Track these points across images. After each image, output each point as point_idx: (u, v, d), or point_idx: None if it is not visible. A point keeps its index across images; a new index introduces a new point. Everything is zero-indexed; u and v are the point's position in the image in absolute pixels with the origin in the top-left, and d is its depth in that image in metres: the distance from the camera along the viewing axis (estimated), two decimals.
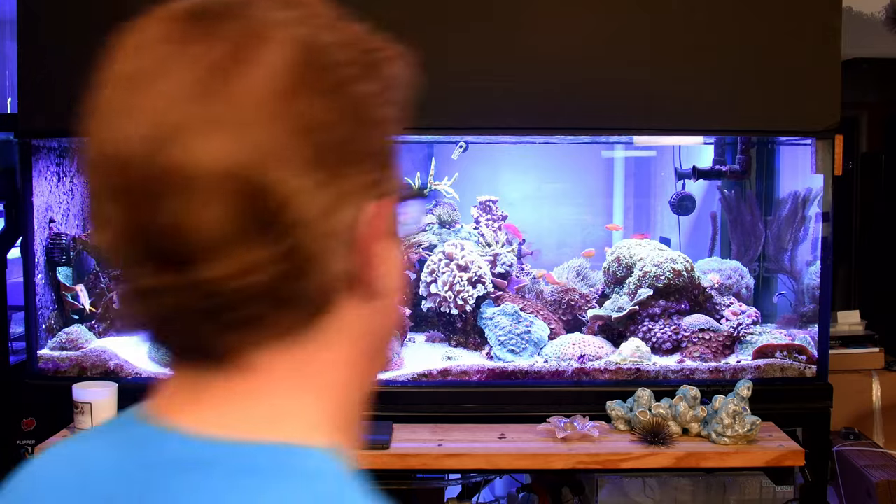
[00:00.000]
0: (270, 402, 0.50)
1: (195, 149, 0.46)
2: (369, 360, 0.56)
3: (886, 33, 3.01)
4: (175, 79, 0.47)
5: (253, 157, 0.46)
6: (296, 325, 0.50)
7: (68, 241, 2.40)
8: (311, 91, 0.48)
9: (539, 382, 2.22)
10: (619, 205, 3.08)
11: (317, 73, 0.49)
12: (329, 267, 0.49)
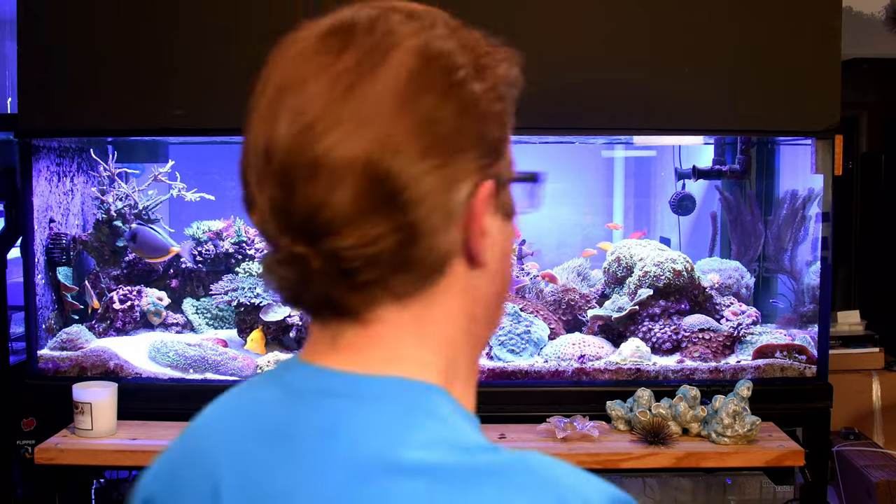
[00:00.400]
0: (390, 347, 0.61)
1: (331, 142, 0.56)
2: (481, 323, 0.65)
3: (886, 33, 3.01)
4: (316, 84, 0.57)
5: (377, 148, 0.56)
6: (412, 286, 0.60)
7: (68, 241, 2.40)
8: (427, 91, 0.58)
9: (539, 382, 2.22)
10: (619, 205, 3.08)
11: (432, 76, 0.58)
12: (439, 238, 0.58)
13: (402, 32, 0.59)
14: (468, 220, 0.60)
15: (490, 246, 0.62)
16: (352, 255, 0.57)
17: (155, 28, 2.11)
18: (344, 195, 0.56)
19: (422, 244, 0.58)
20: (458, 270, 0.61)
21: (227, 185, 2.83)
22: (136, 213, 2.58)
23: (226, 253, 2.59)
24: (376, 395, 0.59)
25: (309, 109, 0.57)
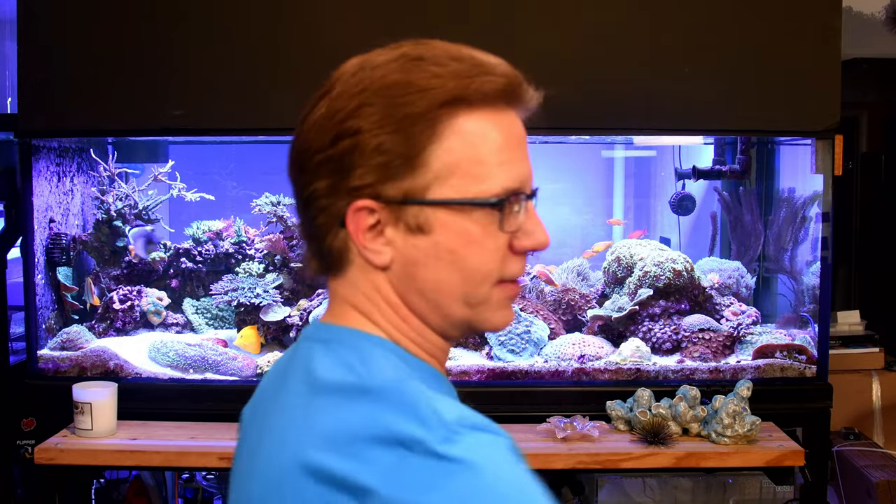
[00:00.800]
0: (339, 308, 0.81)
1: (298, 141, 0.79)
2: (412, 307, 0.79)
3: (886, 33, 3.01)
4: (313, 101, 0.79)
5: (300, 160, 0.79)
6: (328, 268, 0.80)
7: (68, 241, 2.40)
8: (324, 129, 0.76)
9: (539, 382, 2.22)
10: (619, 205, 3.08)
11: (328, 118, 0.76)
12: (328, 238, 0.78)
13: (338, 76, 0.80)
14: (350, 230, 0.76)
15: (376, 253, 0.76)
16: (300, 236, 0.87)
17: (155, 28, 2.11)
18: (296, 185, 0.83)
19: (319, 239, 0.79)
20: (357, 264, 0.78)
21: (227, 185, 2.83)
22: (136, 213, 2.58)
23: (226, 253, 2.59)
24: (324, 339, 0.80)
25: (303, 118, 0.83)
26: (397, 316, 0.79)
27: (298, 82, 2.12)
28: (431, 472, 0.63)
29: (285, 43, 2.11)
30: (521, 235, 0.78)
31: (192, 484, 2.30)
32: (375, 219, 0.75)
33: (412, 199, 0.74)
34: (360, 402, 0.69)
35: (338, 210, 0.75)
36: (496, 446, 0.66)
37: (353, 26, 2.11)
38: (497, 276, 0.77)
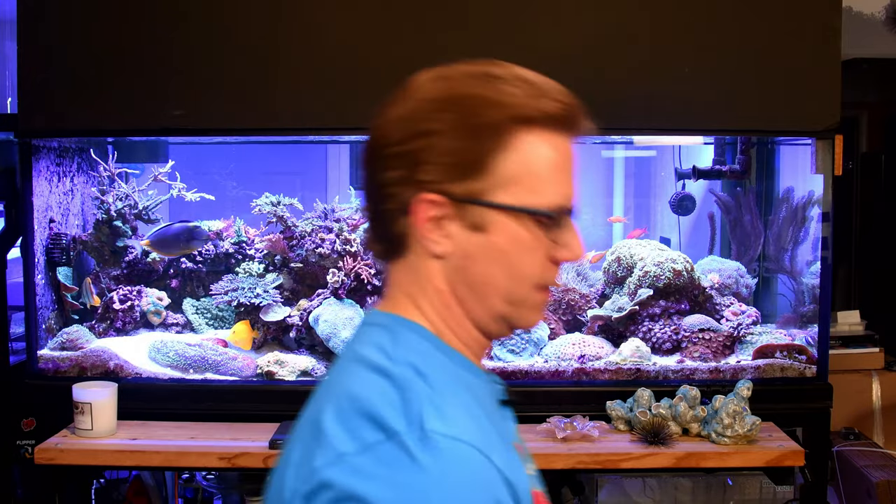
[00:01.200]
0: (392, 293, 0.89)
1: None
2: (457, 299, 0.86)
3: (886, 33, 3.01)
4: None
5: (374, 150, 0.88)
6: (388, 252, 0.88)
7: (68, 241, 2.40)
8: (401, 126, 0.84)
9: (539, 382, 2.22)
10: (619, 205, 3.07)
11: (406, 117, 0.84)
12: (393, 224, 0.85)
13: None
14: (414, 218, 0.83)
15: (436, 243, 0.83)
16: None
17: (155, 28, 2.11)
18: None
19: (385, 224, 0.86)
20: (418, 252, 0.85)
21: (227, 185, 2.83)
22: (136, 213, 2.58)
23: (226, 253, 2.59)
24: (372, 323, 0.89)
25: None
26: (442, 303, 0.86)
27: (298, 82, 2.12)
28: (394, 462, 0.71)
29: (285, 43, 2.11)
30: (562, 247, 0.86)
31: (192, 484, 2.30)
32: (438, 212, 0.82)
33: (475, 199, 0.82)
34: (374, 379, 0.78)
35: (405, 199, 0.83)
36: (465, 465, 0.71)
37: (353, 26, 2.11)
38: (537, 281, 0.85)
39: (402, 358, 0.81)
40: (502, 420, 0.88)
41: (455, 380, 0.82)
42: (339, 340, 2.24)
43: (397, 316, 0.87)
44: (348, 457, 0.72)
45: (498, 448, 0.76)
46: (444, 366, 0.83)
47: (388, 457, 0.71)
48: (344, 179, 3.23)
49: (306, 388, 2.38)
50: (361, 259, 2.42)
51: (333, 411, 0.77)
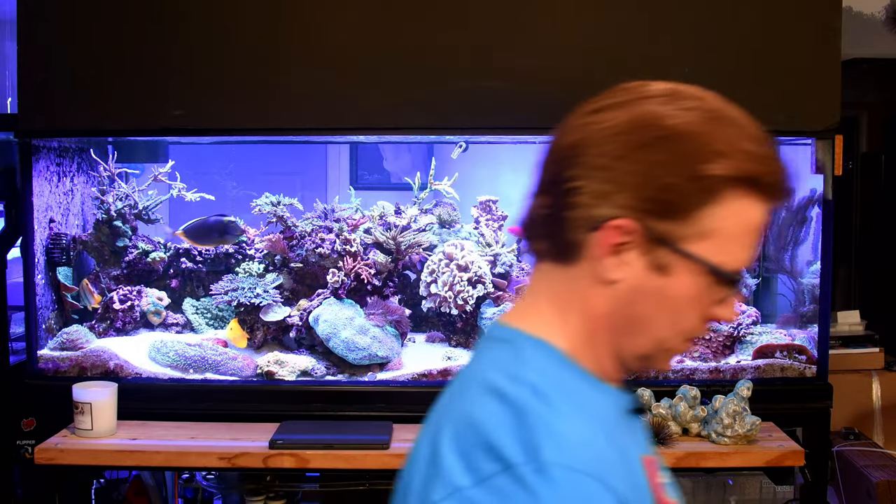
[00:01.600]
0: (532, 300, 0.87)
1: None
2: (610, 327, 0.83)
3: (886, 33, 3.01)
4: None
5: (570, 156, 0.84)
6: (548, 254, 0.85)
7: (68, 241, 2.40)
8: (617, 138, 0.80)
9: None
10: None
11: (625, 130, 0.80)
12: (570, 231, 0.81)
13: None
14: (599, 237, 0.79)
15: (613, 269, 0.80)
16: (531, 213, 0.86)
17: (155, 28, 2.11)
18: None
19: (559, 223, 0.82)
20: (584, 270, 0.82)
21: (226, 185, 2.83)
22: (136, 213, 2.58)
23: (226, 253, 2.59)
24: (496, 338, 0.87)
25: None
26: (592, 325, 0.83)
27: (299, 82, 2.12)
28: (510, 496, 0.69)
29: (285, 43, 2.11)
30: (721, 307, 0.84)
31: (192, 484, 2.30)
32: (626, 239, 0.79)
33: (670, 242, 0.79)
34: (492, 404, 0.76)
35: (596, 215, 0.79)
36: (580, 496, 0.70)
37: (353, 26, 2.11)
38: (690, 334, 0.84)
39: (522, 378, 0.78)
40: (630, 433, 0.86)
41: (579, 399, 0.80)
42: (339, 340, 2.24)
43: (523, 332, 0.84)
44: (465, 490, 0.71)
45: (617, 469, 0.75)
46: (569, 385, 0.81)
47: (504, 490, 0.70)
48: (344, 179, 3.23)
49: (306, 388, 2.39)
50: (361, 259, 2.42)
51: (451, 437, 0.76)
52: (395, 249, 2.45)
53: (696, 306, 0.81)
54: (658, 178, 0.77)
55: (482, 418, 0.75)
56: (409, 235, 2.44)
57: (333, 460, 1.94)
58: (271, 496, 2.16)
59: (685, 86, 0.83)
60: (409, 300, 2.51)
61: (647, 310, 0.81)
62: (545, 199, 0.84)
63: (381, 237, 2.44)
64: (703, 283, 0.80)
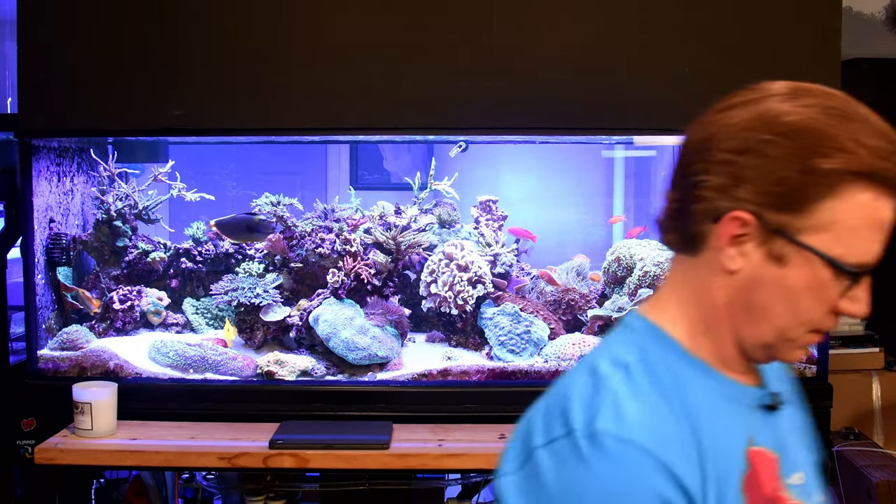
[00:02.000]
0: (664, 290, 0.94)
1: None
2: (731, 315, 0.87)
3: (886, 33, 3.01)
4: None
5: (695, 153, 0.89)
6: (678, 245, 0.91)
7: (68, 241, 2.40)
8: (740, 135, 0.85)
9: (539, 382, 2.22)
10: (619, 204, 3.08)
11: (748, 127, 0.84)
12: (699, 222, 0.86)
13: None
14: (720, 228, 0.84)
15: (731, 260, 0.85)
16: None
17: (155, 28, 2.11)
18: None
19: (685, 216, 0.87)
20: (706, 261, 0.87)
21: (226, 185, 2.83)
22: (136, 213, 2.58)
23: (226, 253, 2.59)
24: (623, 326, 0.93)
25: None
26: (710, 313, 0.89)
27: (299, 82, 2.12)
28: (565, 458, 0.79)
29: (285, 43, 2.11)
30: (848, 300, 0.87)
31: (192, 484, 2.30)
32: (744, 231, 0.83)
33: (786, 233, 0.82)
34: (583, 377, 0.86)
35: (717, 207, 0.84)
36: (626, 466, 0.77)
37: (353, 26, 2.11)
38: (813, 325, 0.86)
39: (621, 360, 0.86)
40: (738, 422, 0.88)
41: (673, 383, 0.84)
42: (339, 340, 2.24)
43: (645, 319, 0.92)
44: (537, 450, 0.81)
45: (682, 449, 0.80)
46: (667, 369, 0.86)
47: (561, 452, 0.79)
48: (344, 179, 3.23)
49: (306, 388, 2.39)
50: (361, 259, 2.42)
51: (544, 406, 0.88)
52: (395, 249, 2.45)
53: (816, 297, 0.84)
54: (775, 171, 0.81)
55: (570, 390, 0.85)
56: (409, 235, 2.45)
57: (333, 460, 1.94)
58: (271, 496, 2.16)
59: (810, 84, 0.86)
60: (409, 300, 2.51)
61: (766, 299, 0.85)
62: (675, 193, 0.90)
63: (381, 237, 2.44)
64: (822, 274, 0.83)
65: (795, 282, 0.83)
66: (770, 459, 0.89)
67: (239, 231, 2.44)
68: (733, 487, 0.83)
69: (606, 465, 0.77)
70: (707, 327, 0.89)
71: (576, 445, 0.78)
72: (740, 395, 0.90)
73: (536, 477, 0.80)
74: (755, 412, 0.91)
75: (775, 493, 0.87)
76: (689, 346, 0.89)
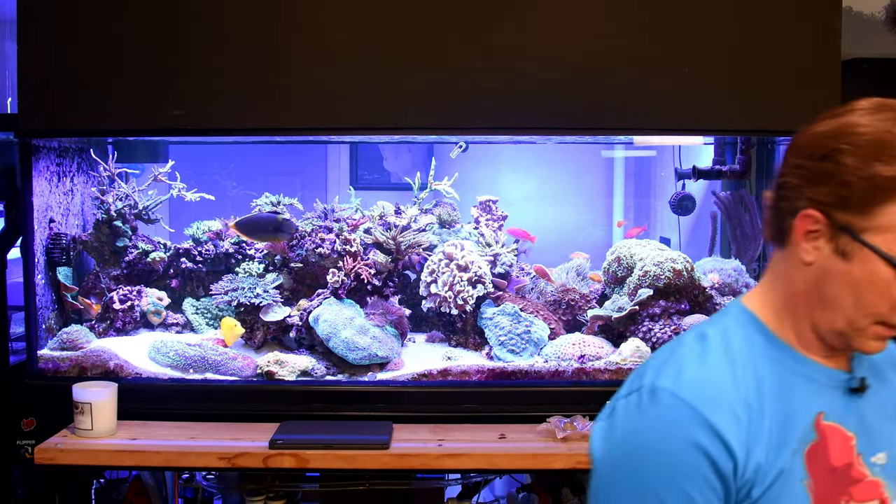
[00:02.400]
0: (764, 277, 1.06)
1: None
2: (806, 302, 1.00)
3: (886, 33, 3.01)
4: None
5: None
6: (774, 239, 1.03)
7: (68, 241, 2.40)
8: (819, 143, 0.98)
9: (539, 382, 2.22)
10: (619, 205, 3.08)
11: (827, 136, 0.98)
12: (784, 217, 1.00)
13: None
14: (795, 223, 0.97)
15: (806, 253, 0.97)
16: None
17: (155, 28, 2.11)
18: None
19: (780, 211, 1.00)
20: (792, 253, 1.00)
21: (226, 185, 2.83)
22: (136, 213, 2.58)
23: (226, 253, 2.59)
24: (723, 308, 1.10)
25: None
26: (789, 300, 1.02)
27: (299, 82, 2.12)
28: (631, 408, 0.97)
29: (285, 43, 2.11)
30: None
31: (192, 484, 2.30)
32: (816, 227, 0.96)
33: (851, 231, 0.94)
34: (667, 348, 1.03)
35: (794, 205, 0.97)
36: (673, 414, 0.94)
37: (352, 26, 2.11)
38: (878, 318, 0.96)
39: (703, 332, 1.02)
40: (810, 396, 1.00)
41: (751, 356, 0.99)
42: (339, 340, 2.24)
43: (741, 304, 1.06)
44: (619, 399, 1.00)
45: (733, 411, 0.94)
46: (749, 345, 1.01)
47: (632, 403, 0.97)
48: (344, 179, 3.23)
49: (306, 388, 2.39)
50: (361, 259, 2.42)
51: (639, 367, 1.04)
52: (395, 249, 2.45)
53: (878, 292, 0.94)
54: (844, 176, 0.93)
55: (655, 356, 1.03)
56: (409, 235, 2.45)
57: (333, 460, 1.94)
58: (271, 496, 2.16)
59: (890, 101, 0.97)
60: (409, 300, 2.51)
61: (834, 290, 0.97)
62: (772, 192, 1.03)
63: (381, 237, 2.44)
64: (883, 272, 0.93)
65: (859, 276, 0.94)
66: (844, 436, 1.00)
67: (262, 231, 2.42)
68: (790, 451, 0.96)
69: (657, 413, 0.94)
70: (789, 312, 1.02)
71: (640, 398, 0.96)
72: (818, 375, 1.01)
73: (613, 422, 0.98)
74: (836, 393, 1.02)
75: (847, 467, 0.99)
76: (774, 328, 1.02)
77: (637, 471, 0.94)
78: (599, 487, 0.98)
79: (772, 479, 0.95)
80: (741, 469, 0.94)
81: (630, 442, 0.96)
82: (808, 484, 0.97)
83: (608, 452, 0.98)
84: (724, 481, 0.93)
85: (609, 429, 0.99)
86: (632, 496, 0.94)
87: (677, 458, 0.93)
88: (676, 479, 0.92)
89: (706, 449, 0.92)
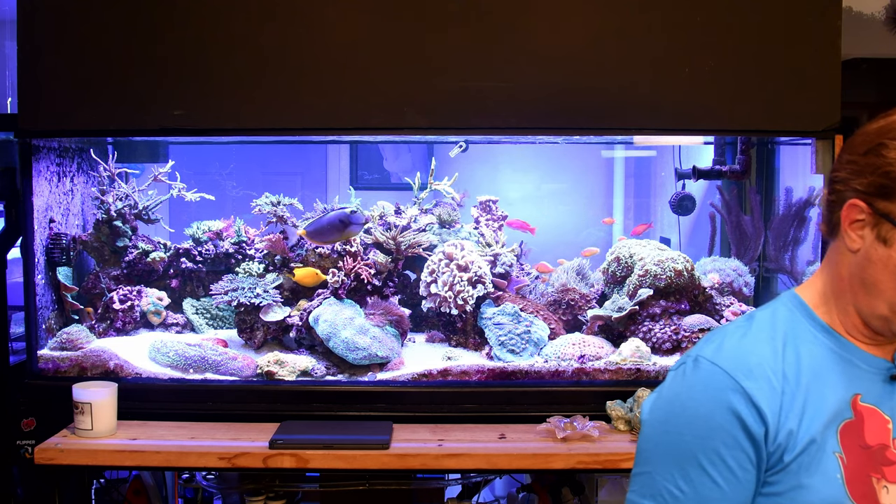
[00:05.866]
0: (820, 267, 1.13)
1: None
2: (850, 288, 1.07)
3: (886, 33, 3.01)
4: None
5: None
6: (827, 232, 1.10)
7: (68, 241, 2.40)
8: (867, 139, 1.04)
9: (539, 382, 2.22)
10: (619, 204, 3.08)
11: (875, 133, 1.04)
12: (834, 210, 1.07)
13: None
14: (841, 214, 1.05)
15: (852, 241, 1.04)
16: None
17: (155, 28, 2.11)
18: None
19: (831, 206, 1.08)
20: (842, 241, 1.06)
21: (227, 185, 2.83)
22: (136, 213, 2.58)
23: (226, 253, 2.59)
24: (777, 295, 1.16)
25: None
26: (836, 285, 1.09)
27: (299, 82, 2.12)
28: (678, 375, 1.07)
29: (285, 43, 2.11)
30: None
31: (192, 484, 2.30)
32: (861, 216, 1.04)
33: (892, 219, 1.01)
34: (721, 329, 1.11)
35: (843, 197, 1.05)
36: (711, 379, 1.02)
37: (352, 26, 2.11)
38: None
39: (755, 313, 1.12)
40: (849, 377, 1.06)
41: (795, 335, 1.07)
42: (339, 340, 2.24)
43: (793, 291, 1.14)
44: (671, 370, 1.09)
45: (769, 381, 1.02)
46: (794, 326, 1.09)
47: (679, 370, 1.07)
48: (344, 179, 3.23)
49: (306, 388, 2.39)
50: (361, 259, 2.42)
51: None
52: (395, 249, 2.45)
53: None
54: (884, 168, 1.00)
55: (710, 334, 1.11)
56: (409, 235, 2.45)
57: (333, 460, 1.94)
58: (271, 496, 2.16)
59: None
60: (409, 300, 2.51)
61: (876, 274, 1.03)
62: (826, 188, 1.10)
63: (381, 237, 2.44)
64: None
65: (888, 257, 1.01)
66: (881, 418, 1.06)
67: (333, 231, 2.39)
68: (823, 424, 1.02)
69: (696, 378, 1.03)
70: (836, 298, 1.09)
71: (686, 366, 1.06)
72: (860, 360, 1.07)
73: (661, 389, 1.08)
74: (876, 379, 1.08)
75: (881, 448, 1.04)
76: (821, 313, 1.10)
77: (675, 432, 1.03)
78: (643, 448, 1.07)
79: (803, 447, 1.01)
80: (772, 434, 1.01)
81: (671, 405, 1.05)
82: (840, 457, 1.03)
83: (652, 414, 1.08)
84: (756, 445, 1.01)
85: (657, 395, 1.09)
86: (670, 455, 1.03)
87: (711, 420, 1.01)
88: (710, 441, 1.01)
89: (739, 413, 1.00)
